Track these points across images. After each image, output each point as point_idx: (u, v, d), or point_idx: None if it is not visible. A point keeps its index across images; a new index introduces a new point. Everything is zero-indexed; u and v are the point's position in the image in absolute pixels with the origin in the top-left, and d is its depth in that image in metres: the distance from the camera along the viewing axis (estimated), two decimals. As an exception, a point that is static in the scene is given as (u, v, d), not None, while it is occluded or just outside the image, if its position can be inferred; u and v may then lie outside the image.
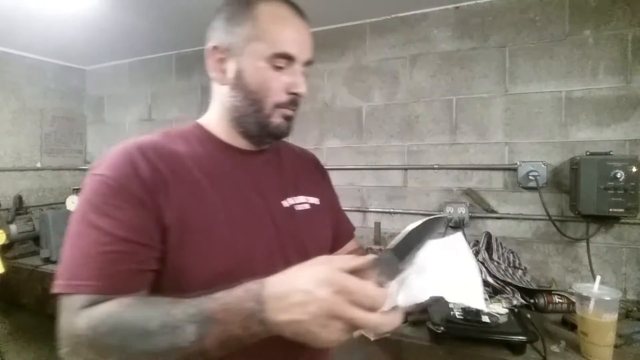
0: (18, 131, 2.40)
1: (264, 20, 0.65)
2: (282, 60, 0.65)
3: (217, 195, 0.63)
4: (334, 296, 0.46)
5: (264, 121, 0.67)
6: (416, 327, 1.21)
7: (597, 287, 1.02)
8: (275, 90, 0.66)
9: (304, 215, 0.74)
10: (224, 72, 0.68)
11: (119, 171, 0.57)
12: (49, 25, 1.94)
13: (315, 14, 0.79)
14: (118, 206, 0.55)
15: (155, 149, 0.61)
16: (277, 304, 0.47)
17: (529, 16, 1.59)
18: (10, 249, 2.03)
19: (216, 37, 0.68)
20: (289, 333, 0.48)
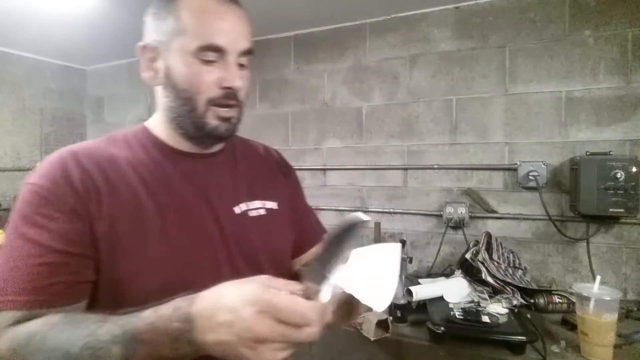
0: (18, 131, 2.40)
1: (187, 13, 0.60)
2: (211, 53, 0.60)
3: (153, 204, 0.59)
4: (258, 316, 0.43)
5: (199, 121, 0.62)
6: (416, 327, 1.21)
7: (597, 287, 1.02)
8: (207, 86, 0.61)
9: (258, 222, 0.69)
10: (156, 71, 0.64)
11: (51, 180, 0.55)
12: (49, 25, 1.94)
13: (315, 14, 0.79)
14: (49, 216, 0.53)
15: (91, 156, 0.59)
16: (204, 323, 0.44)
17: (529, 16, 1.59)
18: (10, 249, 2.03)
19: (145, 35, 0.65)
20: (219, 354, 0.44)
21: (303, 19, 1.87)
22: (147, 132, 0.68)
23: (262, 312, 0.43)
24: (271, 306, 0.43)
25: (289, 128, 2.09)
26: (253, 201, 0.70)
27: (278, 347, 0.43)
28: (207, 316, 0.45)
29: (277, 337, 0.43)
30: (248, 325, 0.42)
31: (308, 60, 2.02)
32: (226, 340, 0.43)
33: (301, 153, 2.06)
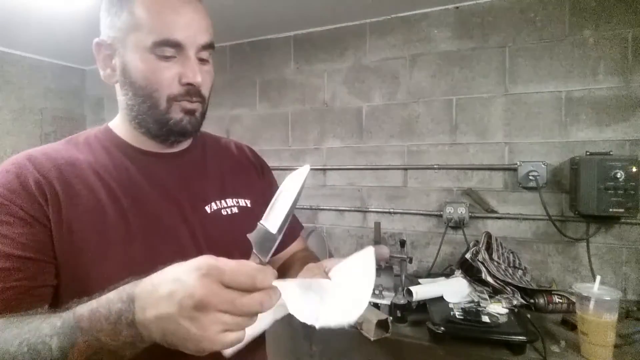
0: (18, 131, 2.40)
1: (141, 7, 0.58)
2: (168, 48, 0.58)
3: (115, 208, 0.58)
4: (202, 279, 0.38)
5: (161, 118, 0.61)
6: (416, 327, 1.21)
7: (597, 287, 1.02)
8: (167, 82, 0.59)
9: (231, 220, 0.67)
10: (113, 69, 0.62)
11: (7, 185, 0.53)
12: (49, 25, 1.94)
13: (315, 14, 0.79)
14: (3, 221, 0.52)
15: (48, 159, 0.57)
16: (145, 299, 0.40)
17: (529, 16, 1.59)
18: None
19: (101, 32, 0.63)
20: (159, 335, 0.40)
21: (303, 19, 1.87)
22: (109, 132, 0.66)
23: (206, 275, 0.39)
24: (215, 268, 0.39)
25: (289, 128, 2.09)
26: (225, 199, 0.69)
27: (226, 319, 0.38)
28: (149, 291, 0.41)
29: (221, 302, 0.38)
30: (190, 291, 0.38)
31: (308, 60, 2.02)
32: (166, 313, 0.38)
33: (301, 153, 2.06)
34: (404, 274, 1.44)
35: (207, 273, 0.39)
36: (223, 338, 0.39)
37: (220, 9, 1.74)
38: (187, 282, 0.39)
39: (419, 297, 1.29)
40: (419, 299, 1.29)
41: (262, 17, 1.77)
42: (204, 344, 0.38)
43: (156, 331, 0.40)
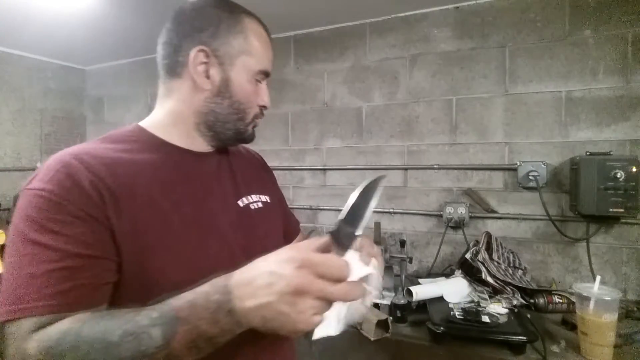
0: (18, 131, 2.40)
1: (252, 37, 0.68)
2: (261, 76, 0.70)
3: (169, 203, 0.60)
4: (298, 271, 0.45)
5: (242, 129, 0.71)
6: (416, 327, 1.21)
7: (597, 287, 1.02)
8: (255, 103, 0.70)
9: (259, 213, 0.74)
10: (209, 77, 0.66)
11: (60, 185, 0.53)
12: (49, 25, 1.94)
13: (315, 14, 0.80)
14: (63, 221, 0.52)
15: (94, 158, 0.57)
16: (243, 290, 0.46)
17: (529, 16, 1.59)
18: (10, 249, 2.03)
19: (200, 39, 0.65)
20: (258, 321, 0.45)
21: (303, 19, 1.87)
22: (145, 132, 0.68)
23: (301, 267, 0.45)
24: (308, 261, 0.45)
25: (289, 128, 2.09)
26: (251, 195, 0.75)
27: (317, 304, 0.45)
28: (245, 283, 0.46)
29: (315, 289, 0.44)
30: (287, 281, 0.44)
31: (308, 60, 2.02)
32: (266, 302, 0.44)
33: (301, 153, 2.06)
34: (404, 274, 1.44)
35: (301, 265, 0.45)
36: (314, 320, 0.45)
37: (220, 9, 1.74)
38: (285, 273, 0.45)
39: (419, 297, 1.29)
40: (419, 299, 1.29)
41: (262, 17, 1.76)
42: (300, 326, 0.45)
43: (256, 318, 0.45)
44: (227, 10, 0.68)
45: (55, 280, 0.50)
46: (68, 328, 0.48)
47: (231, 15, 0.67)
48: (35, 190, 0.53)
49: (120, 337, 0.46)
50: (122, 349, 0.45)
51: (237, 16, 0.68)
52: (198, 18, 0.67)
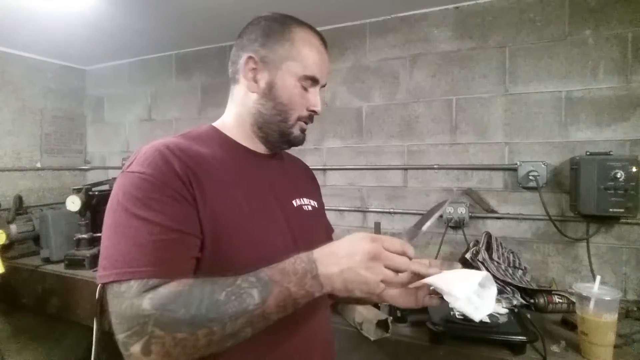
0: (18, 131, 2.40)
1: (300, 44, 0.74)
2: (308, 81, 0.75)
3: (240, 194, 0.69)
4: (371, 243, 0.59)
5: (286, 130, 0.76)
6: (416, 327, 1.21)
7: (597, 287, 1.02)
8: (300, 106, 0.76)
9: (309, 215, 0.82)
10: (257, 81, 0.75)
11: (157, 169, 0.61)
12: (49, 25, 1.94)
13: (315, 14, 0.81)
14: (161, 200, 0.60)
15: (182, 150, 0.66)
16: (327, 260, 0.58)
17: (529, 16, 1.59)
18: (10, 249, 2.03)
19: (252, 48, 0.75)
20: (340, 282, 0.58)
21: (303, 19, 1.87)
22: (218, 132, 0.78)
23: (373, 240, 0.60)
24: (377, 238, 0.60)
25: (289, 128, 2.09)
26: (303, 198, 0.83)
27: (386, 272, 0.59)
28: (328, 254, 0.59)
29: (385, 257, 0.59)
30: (366, 249, 0.58)
31: (308, 60, 2.02)
32: (347, 267, 0.58)
33: (301, 153, 2.04)
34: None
35: (373, 239, 0.60)
36: (381, 285, 0.59)
37: (220, 9, 1.74)
38: (362, 244, 0.59)
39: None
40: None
41: (262, 17, 1.77)
42: (373, 286, 0.58)
43: (338, 281, 0.58)
44: (279, 21, 0.76)
45: (160, 250, 0.58)
46: (178, 289, 0.55)
47: (281, 25, 0.75)
48: (136, 172, 0.62)
49: (226, 296, 0.55)
50: (228, 306, 0.54)
51: (288, 26, 0.75)
52: (253, 30, 0.77)
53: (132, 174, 0.62)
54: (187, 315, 0.53)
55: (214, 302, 0.54)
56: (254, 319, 0.55)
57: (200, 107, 2.33)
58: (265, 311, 0.56)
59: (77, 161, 2.73)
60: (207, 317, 0.53)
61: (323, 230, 0.91)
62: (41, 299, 1.85)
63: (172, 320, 0.53)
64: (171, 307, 0.53)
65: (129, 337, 0.53)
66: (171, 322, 0.53)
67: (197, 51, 2.35)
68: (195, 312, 0.53)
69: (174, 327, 0.53)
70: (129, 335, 0.53)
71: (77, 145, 2.74)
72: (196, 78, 2.36)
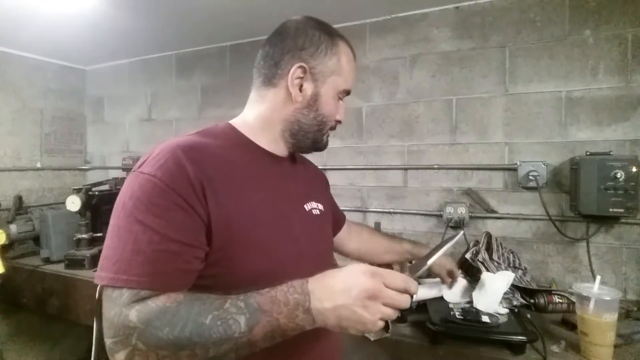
0: (18, 131, 2.40)
1: (344, 59, 0.76)
2: (344, 94, 0.78)
3: (256, 197, 0.68)
4: (371, 279, 0.54)
5: (319, 139, 0.78)
6: (416, 327, 1.21)
7: (597, 287, 1.02)
8: (334, 117, 0.78)
9: (318, 219, 0.82)
10: (302, 91, 0.74)
11: (168, 173, 0.59)
12: (49, 25, 1.94)
13: (316, 14, 0.80)
14: (167, 207, 0.57)
15: (197, 150, 0.64)
16: (321, 293, 0.55)
17: (529, 16, 1.59)
18: (10, 249, 2.03)
19: (302, 57, 0.73)
20: (333, 319, 0.54)
21: (303, 19, 1.87)
22: (236, 131, 0.76)
23: (373, 276, 0.55)
24: (379, 273, 0.56)
25: (289, 128, 2.08)
26: (312, 201, 0.82)
27: (384, 310, 0.54)
28: (323, 288, 0.55)
29: (385, 296, 0.54)
30: (363, 287, 0.54)
31: (308, 60, 2.02)
32: (342, 304, 0.54)
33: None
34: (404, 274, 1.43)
35: (373, 274, 0.55)
36: (379, 323, 0.55)
37: (220, 9, 1.74)
38: (360, 281, 0.55)
39: (419, 297, 1.29)
40: (419, 299, 1.29)
41: (263, 17, 1.77)
42: (369, 326, 0.54)
43: (332, 317, 0.54)
44: (327, 32, 0.76)
45: (156, 261, 0.56)
46: (166, 306, 0.54)
47: (330, 38, 0.75)
48: (146, 174, 0.59)
49: (211, 320, 0.53)
50: (213, 331, 0.53)
51: (334, 39, 0.76)
52: (301, 37, 0.75)
53: (142, 175, 0.60)
54: (170, 335, 0.52)
55: (199, 326, 0.52)
56: (239, 345, 0.54)
57: (200, 107, 2.33)
58: (252, 340, 0.54)
59: (77, 161, 2.73)
60: (191, 339, 0.52)
61: (328, 235, 0.91)
62: (41, 299, 1.85)
63: (155, 338, 0.52)
64: (156, 324, 0.52)
65: (115, 343, 0.53)
66: (154, 339, 0.52)
67: (197, 51, 2.35)
68: (178, 333, 0.52)
69: (157, 345, 0.52)
70: (115, 342, 0.53)
71: (77, 145, 2.74)
72: (196, 78, 2.36)
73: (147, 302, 0.54)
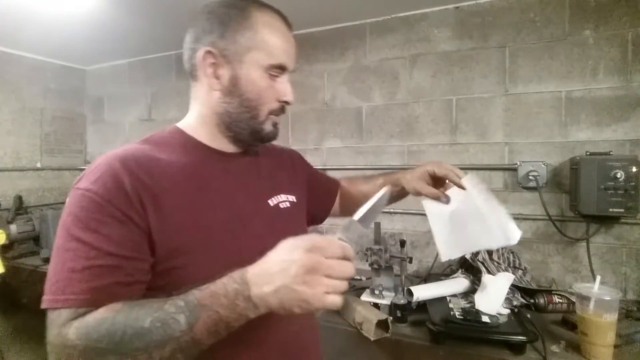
0: (18, 131, 2.40)
1: (263, 31, 0.66)
2: (276, 70, 0.68)
3: (205, 202, 0.64)
4: (307, 253, 0.51)
5: (257, 127, 0.70)
6: (416, 327, 1.21)
7: (597, 287, 1.02)
8: (269, 99, 0.69)
9: (288, 213, 0.77)
10: (218, 77, 0.67)
11: (104, 186, 0.57)
12: (49, 25, 1.94)
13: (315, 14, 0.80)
14: (103, 221, 0.56)
15: (137, 161, 0.61)
16: (259, 279, 0.52)
17: (529, 16, 1.59)
18: (10, 249, 2.03)
19: (209, 40, 0.67)
20: (276, 302, 0.51)
21: (303, 19, 1.87)
22: (183, 134, 0.72)
23: (309, 250, 0.51)
24: (315, 245, 0.51)
25: (289, 128, 2.09)
26: (280, 195, 0.77)
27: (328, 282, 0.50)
28: (261, 273, 0.52)
29: (325, 267, 0.50)
30: (299, 263, 0.50)
31: (308, 60, 2.02)
32: (282, 285, 0.50)
33: (301, 153, 2.05)
34: (404, 274, 1.43)
35: (309, 249, 0.51)
36: (326, 298, 0.50)
37: (220, 9, 1.74)
38: (296, 257, 0.51)
39: (420, 297, 1.29)
40: (420, 299, 1.29)
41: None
42: (314, 302, 0.50)
43: (274, 301, 0.51)
44: (237, 7, 0.67)
45: (92, 277, 0.54)
46: (103, 317, 0.52)
47: (240, 12, 0.67)
48: (82, 190, 0.58)
49: (150, 323, 0.51)
50: (153, 334, 0.50)
51: (246, 12, 0.67)
52: (209, 19, 0.68)
53: (78, 191, 0.58)
54: (110, 345, 0.50)
55: (138, 330, 0.50)
56: (183, 345, 0.51)
57: (200, 107, 2.33)
58: (195, 337, 0.51)
59: (77, 161, 2.73)
60: (131, 346, 0.50)
61: (305, 225, 0.87)
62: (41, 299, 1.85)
63: (96, 351, 0.50)
64: (95, 336, 0.50)
65: None
66: (96, 353, 0.50)
67: (197, 51, 2.35)
68: (119, 341, 0.50)
69: (100, 357, 0.50)
70: None
71: (77, 145, 2.74)
72: (196, 78, 2.36)
73: (85, 317, 0.53)
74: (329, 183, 1.02)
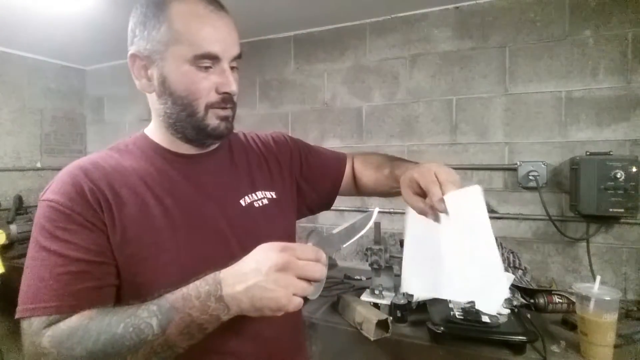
0: (18, 131, 2.40)
1: (180, 21, 0.61)
2: (206, 60, 0.62)
3: (160, 209, 0.63)
4: (280, 253, 0.52)
5: (199, 124, 0.65)
6: (416, 327, 1.21)
7: (597, 287, 1.02)
8: (205, 91, 0.63)
9: (263, 212, 0.73)
10: (150, 79, 0.65)
11: (66, 195, 0.58)
12: (49, 25, 1.94)
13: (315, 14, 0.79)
14: (68, 229, 0.57)
15: (97, 169, 0.62)
16: (232, 278, 0.53)
17: (529, 16, 1.59)
18: (10, 249, 2.03)
19: (134, 43, 0.64)
20: (247, 301, 0.51)
21: (303, 19, 1.87)
22: (146, 139, 0.71)
23: (283, 250, 0.53)
24: (288, 247, 0.53)
25: (289, 128, 2.09)
26: (256, 192, 0.74)
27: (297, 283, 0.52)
28: (234, 273, 0.53)
29: (296, 267, 0.52)
30: (272, 261, 0.51)
31: (308, 60, 2.02)
32: (253, 283, 0.51)
33: (301, 153, 2.06)
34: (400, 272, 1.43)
35: (283, 249, 0.53)
36: (294, 299, 0.52)
37: (220, 9, 1.74)
38: (269, 256, 0.52)
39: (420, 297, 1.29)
40: (420, 299, 1.29)
41: (262, 17, 1.77)
42: (283, 301, 0.51)
43: (245, 300, 0.51)
44: (153, 3, 0.63)
45: (61, 284, 0.55)
46: (76, 324, 0.53)
47: (156, 7, 0.62)
48: (47, 201, 0.59)
49: (123, 328, 0.51)
50: (126, 339, 0.51)
51: (162, 5, 0.62)
52: (132, 20, 0.65)
53: (44, 203, 0.59)
54: (84, 353, 0.50)
55: (112, 336, 0.51)
56: (157, 349, 0.52)
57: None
58: (168, 340, 0.51)
59: (77, 161, 2.73)
60: (105, 352, 0.50)
61: (287, 224, 0.79)
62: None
63: (71, 358, 0.51)
64: (68, 344, 0.51)
65: None
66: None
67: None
68: (92, 347, 0.50)
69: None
70: None
71: (77, 145, 2.74)
72: (196, 78, 2.36)
73: (58, 325, 0.53)
74: (331, 162, 0.92)
